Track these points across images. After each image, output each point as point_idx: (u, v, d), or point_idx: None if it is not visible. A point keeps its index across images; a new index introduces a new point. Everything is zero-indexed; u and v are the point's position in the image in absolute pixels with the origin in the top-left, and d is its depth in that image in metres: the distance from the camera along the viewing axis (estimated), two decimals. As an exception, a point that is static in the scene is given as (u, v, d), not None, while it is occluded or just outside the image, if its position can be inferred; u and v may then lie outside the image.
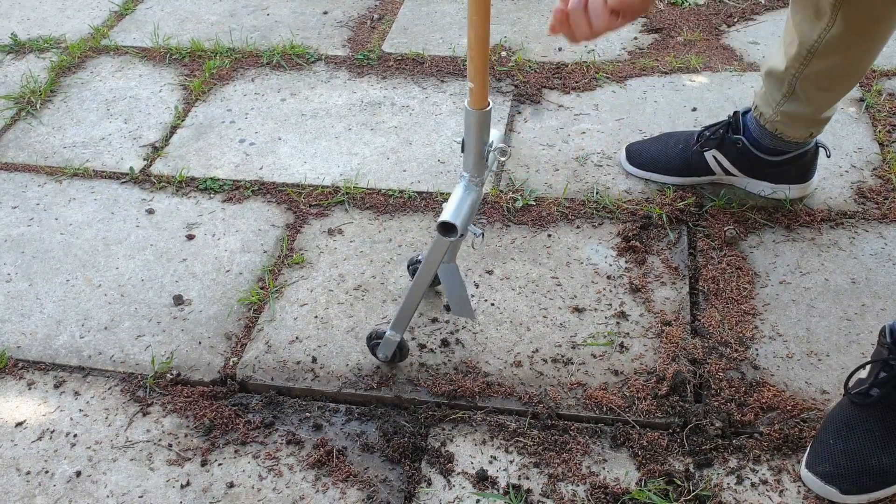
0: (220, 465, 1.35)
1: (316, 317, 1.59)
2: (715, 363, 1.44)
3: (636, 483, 1.28)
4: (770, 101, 1.61)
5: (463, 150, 1.21)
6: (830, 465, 1.23)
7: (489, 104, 1.15)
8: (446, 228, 1.22)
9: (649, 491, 1.26)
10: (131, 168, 1.99)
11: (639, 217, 1.74)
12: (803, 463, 1.27)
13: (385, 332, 1.42)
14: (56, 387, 1.50)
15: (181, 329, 1.58)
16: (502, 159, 1.33)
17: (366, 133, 2.06)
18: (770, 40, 2.30)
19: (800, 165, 1.71)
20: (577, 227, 1.74)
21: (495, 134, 1.22)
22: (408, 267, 1.66)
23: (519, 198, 1.81)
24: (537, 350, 1.49)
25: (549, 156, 1.94)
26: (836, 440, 1.24)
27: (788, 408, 1.36)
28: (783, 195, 1.75)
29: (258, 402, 1.44)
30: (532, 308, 1.57)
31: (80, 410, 1.45)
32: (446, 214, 1.21)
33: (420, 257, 1.60)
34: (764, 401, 1.38)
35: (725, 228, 1.69)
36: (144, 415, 1.44)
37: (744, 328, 1.50)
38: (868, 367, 1.28)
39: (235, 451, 1.37)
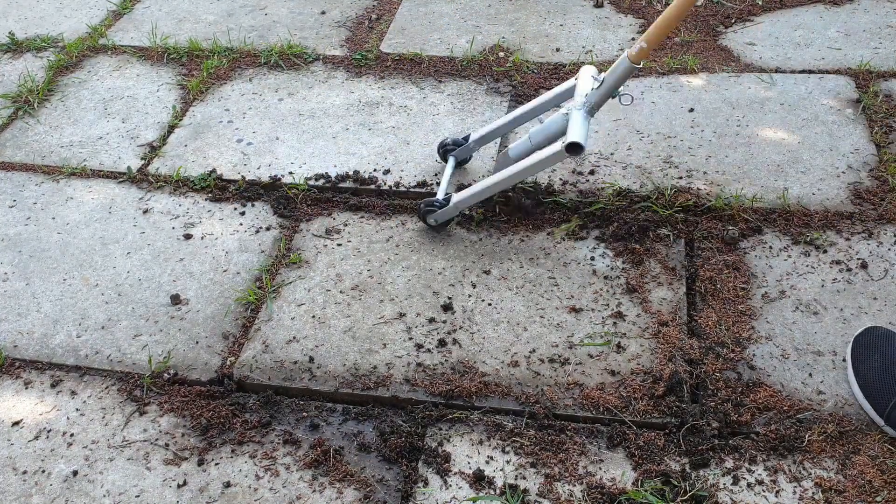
0: (216, 464, 1.35)
1: (313, 317, 1.59)
2: (711, 363, 1.45)
3: (633, 483, 1.28)
4: None
5: (600, 86, 1.54)
6: None
7: (641, 64, 1.47)
8: (576, 148, 1.51)
9: (646, 491, 1.26)
10: (129, 167, 1.99)
11: (636, 218, 1.74)
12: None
13: (442, 202, 1.68)
14: (53, 386, 1.50)
15: (178, 329, 1.58)
16: (627, 103, 1.64)
17: (363, 133, 2.06)
18: (767, 41, 2.31)
19: None
20: (575, 227, 1.74)
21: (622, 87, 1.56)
22: (440, 148, 1.86)
23: (517, 198, 1.80)
24: (534, 350, 1.49)
25: (546, 156, 1.94)
26: None
27: (785, 408, 1.37)
28: None
29: (255, 401, 1.45)
30: (529, 308, 1.57)
31: (77, 410, 1.45)
32: (577, 137, 1.50)
33: (451, 139, 1.85)
34: (760, 401, 1.38)
35: (728, 228, 1.69)
36: (141, 414, 1.44)
37: (740, 329, 1.51)
38: None
39: (232, 451, 1.37)
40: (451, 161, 1.84)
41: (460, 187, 1.81)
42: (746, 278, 1.60)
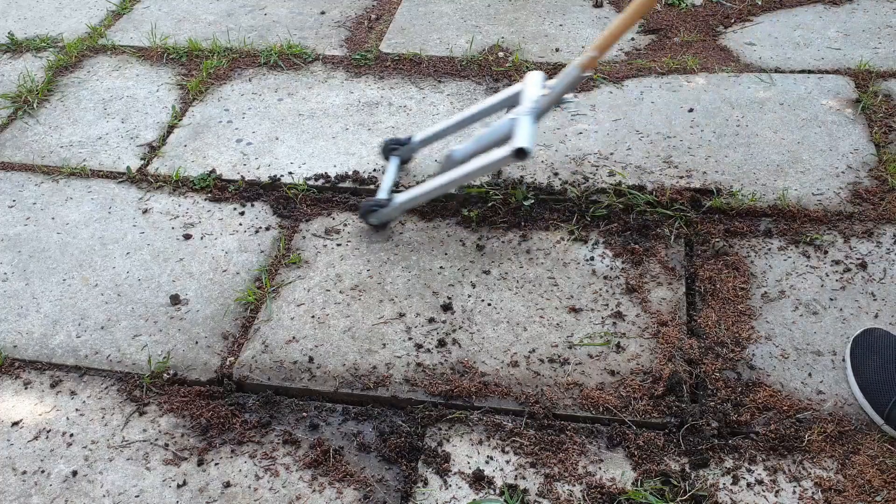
0: (216, 464, 1.35)
1: (313, 317, 1.59)
2: (711, 363, 1.45)
3: (632, 483, 1.28)
4: None
5: (549, 93, 1.57)
6: None
7: (589, 74, 1.45)
8: (522, 153, 1.52)
9: (645, 491, 1.26)
10: (128, 167, 1.99)
11: (636, 218, 1.74)
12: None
13: (384, 202, 1.69)
14: (52, 386, 1.50)
15: (178, 329, 1.58)
16: (572, 111, 1.76)
17: (363, 133, 2.06)
18: (767, 41, 2.31)
19: None
20: (574, 227, 1.74)
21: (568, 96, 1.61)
22: (384, 148, 1.87)
23: (517, 198, 1.81)
24: (534, 350, 1.49)
25: (546, 156, 1.94)
26: None
27: (784, 408, 1.37)
28: None
29: (255, 401, 1.45)
30: (529, 308, 1.57)
31: (77, 410, 1.45)
32: (524, 142, 1.52)
33: (395, 139, 1.87)
34: (760, 401, 1.38)
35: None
36: (141, 414, 1.44)
37: (740, 328, 1.51)
38: None
39: (232, 451, 1.37)
40: (395, 161, 1.87)
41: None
42: (746, 278, 1.60)
